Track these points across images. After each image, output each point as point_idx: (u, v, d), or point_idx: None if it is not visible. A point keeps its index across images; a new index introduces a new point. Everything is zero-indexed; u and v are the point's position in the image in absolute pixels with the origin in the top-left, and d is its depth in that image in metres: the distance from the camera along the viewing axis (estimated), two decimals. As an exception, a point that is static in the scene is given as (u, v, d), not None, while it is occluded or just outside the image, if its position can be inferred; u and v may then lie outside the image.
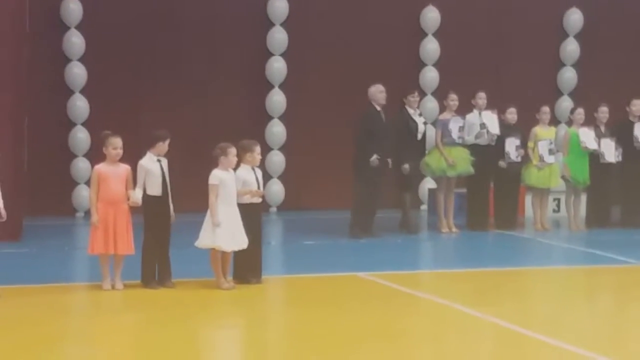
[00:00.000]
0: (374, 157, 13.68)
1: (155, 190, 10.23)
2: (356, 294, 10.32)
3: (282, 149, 17.09)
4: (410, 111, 14.43)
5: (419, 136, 14.41)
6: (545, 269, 12.32)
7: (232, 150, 10.32)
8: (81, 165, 16.13)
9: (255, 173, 10.56)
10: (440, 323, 9.11)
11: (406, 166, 14.17)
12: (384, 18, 17.42)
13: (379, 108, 13.94)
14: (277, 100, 17.01)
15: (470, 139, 14.65)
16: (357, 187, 13.95)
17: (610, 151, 15.03)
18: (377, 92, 13.94)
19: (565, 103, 17.98)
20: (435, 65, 17.69)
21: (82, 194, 15.65)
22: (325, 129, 16.77)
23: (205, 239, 10.21)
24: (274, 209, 17.01)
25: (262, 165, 11.74)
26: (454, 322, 9.14)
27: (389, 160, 13.92)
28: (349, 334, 8.50)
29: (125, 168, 10.23)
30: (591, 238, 14.44)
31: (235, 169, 10.42)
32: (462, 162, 14.55)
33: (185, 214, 10.76)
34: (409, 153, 14.23)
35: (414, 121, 14.37)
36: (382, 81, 14.11)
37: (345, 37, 17.24)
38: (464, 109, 14.79)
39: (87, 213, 12.49)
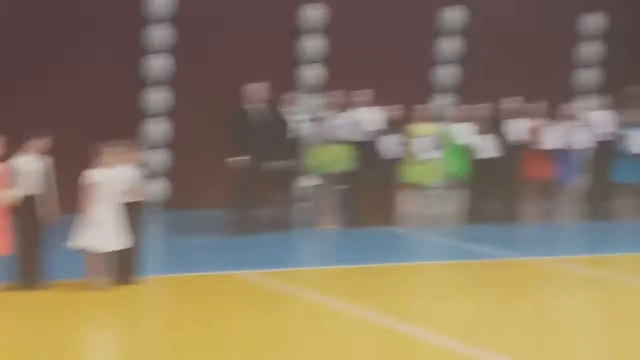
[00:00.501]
0: (241, 158, 13.71)
1: (29, 189, 10.06)
2: (235, 292, 10.33)
3: (165, 147, 16.96)
4: (286, 110, 14.49)
5: (294, 134, 14.47)
6: (425, 264, 12.52)
7: (110, 150, 10.23)
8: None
9: (133, 172, 10.47)
10: (318, 320, 9.18)
11: (281, 163, 14.22)
12: (264, 16, 17.44)
13: (252, 107, 13.96)
14: (158, 97, 16.86)
15: (352, 136, 14.78)
16: (234, 185, 13.97)
17: (486, 147, 15.35)
18: (252, 91, 13.98)
19: (443, 99, 18.27)
20: (318, 63, 17.78)
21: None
22: (208, 127, 16.70)
23: (81, 238, 10.08)
24: (156, 208, 16.85)
25: (143, 164, 11.57)
26: (333, 318, 9.21)
27: (262, 158, 13.94)
28: (227, 333, 8.52)
29: (3, 166, 10.05)
30: (470, 233, 14.73)
31: (114, 168, 10.31)
32: (343, 158, 14.67)
33: (62, 214, 10.58)
34: (283, 151, 14.29)
35: (289, 120, 14.42)
36: (262, 79, 14.14)
37: (226, 36, 17.19)
38: (346, 107, 14.90)
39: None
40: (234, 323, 8.90)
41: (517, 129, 15.50)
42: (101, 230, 10.03)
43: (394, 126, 15.05)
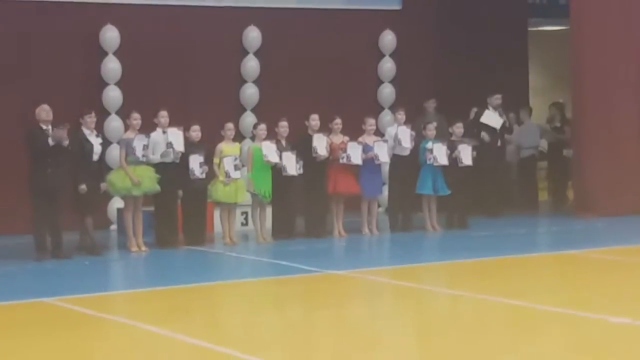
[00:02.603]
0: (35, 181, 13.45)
1: None
2: (42, 320, 10.02)
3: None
4: (87, 132, 14.24)
5: (95, 157, 14.23)
6: (235, 282, 12.51)
7: None
8: None
9: None
10: (129, 344, 9.01)
11: (83, 187, 13.94)
12: (64, 36, 17.14)
13: (45, 128, 13.65)
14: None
15: (155, 157, 14.66)
16: (33, 207, 13.65)
17: (291, 164, 15.53)
18: (42, 112, 13.68)
19: (248, 119, 18.39)
20: (117, 84, 17.55)
21: None
22: (7, 149, 16.21)
23: None
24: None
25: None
26: (144, 342, 9.07)
27: (60, 181, 13.65)
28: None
29: None
30: (278, 249, 14.85)
31: None
32: (148, 180, 14.52)
33: None
34: (85, 174, 14.01)
35: (90, 142, 14.17)
36: (61, 100, 13.85)
37: (23, 55, 16.81)
38: (147, 128, 14.78)
39: None
40: (46, 352, 8.63)
41: (320, 144, 15.74)
42: None
43: (196, 146, 15.01)
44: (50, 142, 13.42)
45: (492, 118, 18.61)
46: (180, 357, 8.60)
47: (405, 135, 16.38)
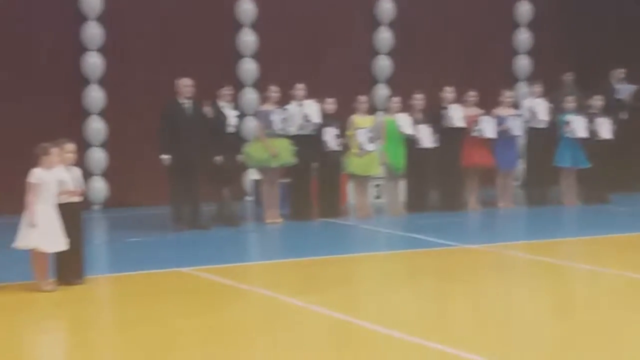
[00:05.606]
0: (167, 155, 13.65)
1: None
2: (182, 289, 10.22)
3: (102, 145, 16.78)
4: (222, 104, 14.40)
5: (230, 129, 14.39)
6: (369, 255, 12.52)
7: (54, 150, 10.12)
8: None
9: (70, 172, 10.34)
10: (267, 315, 9.12)
11: (219, 158, 14.13)
12: (200, 10, 17.34)
13: (183, 101, 13.86)
14: (95, 96, 16.66)
15: (292, 129, 14.75)
16: (170, 181, 13.92)
17: (426, 137, 15.44)
18: (182, 86, 13.89)
19: (381, 91, 18.34)
20: (253, 57, 17.72)
21: None
22: (144, 124, 16.54)
23: (24, 239, 9.92)
24: (96, 207, 16.68)
25: (81, 163, 11.43)
26: (282, 313, 9.17)
27: (197, 154, 13.84)
28: (177, 332, 8.41)
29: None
30: (411, 222, 14.80)
31: (53, 168, 10.16)
32: (285, 152, 14.64)
33: (4, 216, 10.41)
34: (219, 146, 14.18)
35: (224, 114, 14.34)
36: (198, 74, 14.06)
37: (163, 30, 17.07)
38: (283, 100, 14.89)
39: None
40: (185, 321, 8.80)
41: (455, 117, 15.60)
42: (45, 230, 9.88)
43: (331, 119, 15.05)
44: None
45: (625, 91, 17.99)
46: (318, 329, 8.64)
47: (541, 108, 16.08)
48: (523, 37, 19.61)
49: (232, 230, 14.17)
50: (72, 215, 10.23)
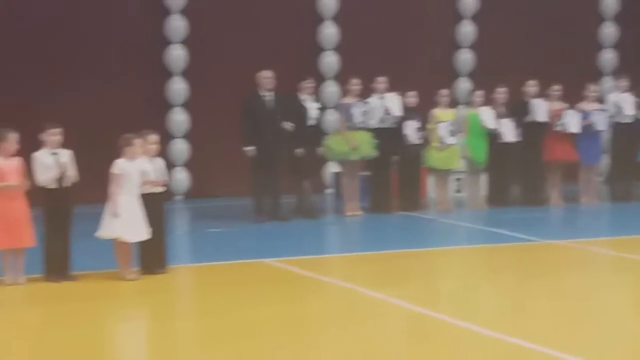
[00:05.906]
0: (250, 148, 13.74)
1: (51, 182, 10.07)
2: (262, 280, 10.30)
3: (185, 137, 16.97)
4: (303, 97, 14.45)
5: (311, 122, 14.43)
6: (449, 249, 12.46)
7: (137, 141, 10.27)
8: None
9: (153, 163, 10.48)
10: (346, 307, 9.14)
11: (300, 151, 14.19)
12: (283, 3, 17.42)
13: (264, 94, 13.94)
14: (178, 88, 16.86)
15: (373, 122, 14.74)
16: (252, 172, 14.02)
17: (509, 131, 15.30)
18: (262, 78, 13.97)
19: (463, 85, 18.22)
20: (335, 49, 17.74)
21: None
22: (227, 116, 16.68)
23: (107, 229, 10.10)
24: (179, 197, 16.88)
25: (164, 154, 11.58)
26: (360, 305, 9.18)
27: (278, 146, 13.91)
28: (257, 321, 8.49)
29: (18, 160, 10.07)
30: (492, 217, 14.68)
31: (137, 158, 10.31)
32: (365, 145, 14.64)
33: (87, 205, 10.61)
34: (300, 139, 14.23)
35: (305, 107, 14.38)
36: (279, 67, 14.15)
37: (243, 24, 17.18)
38: (364, 93, 14.88)
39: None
40: (265, 310, 8.87)
41: (538, 111, 15.43)
42: (128, 220, 10.04)
43: (412, 112, 15.00)
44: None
45: None
46: (396, 322, 8.64)
47: (627, 103, 15.82)
48: (609, 31, 19.30)
49: (312, 222, 14.22)
50: (154, 205, 10.37)
